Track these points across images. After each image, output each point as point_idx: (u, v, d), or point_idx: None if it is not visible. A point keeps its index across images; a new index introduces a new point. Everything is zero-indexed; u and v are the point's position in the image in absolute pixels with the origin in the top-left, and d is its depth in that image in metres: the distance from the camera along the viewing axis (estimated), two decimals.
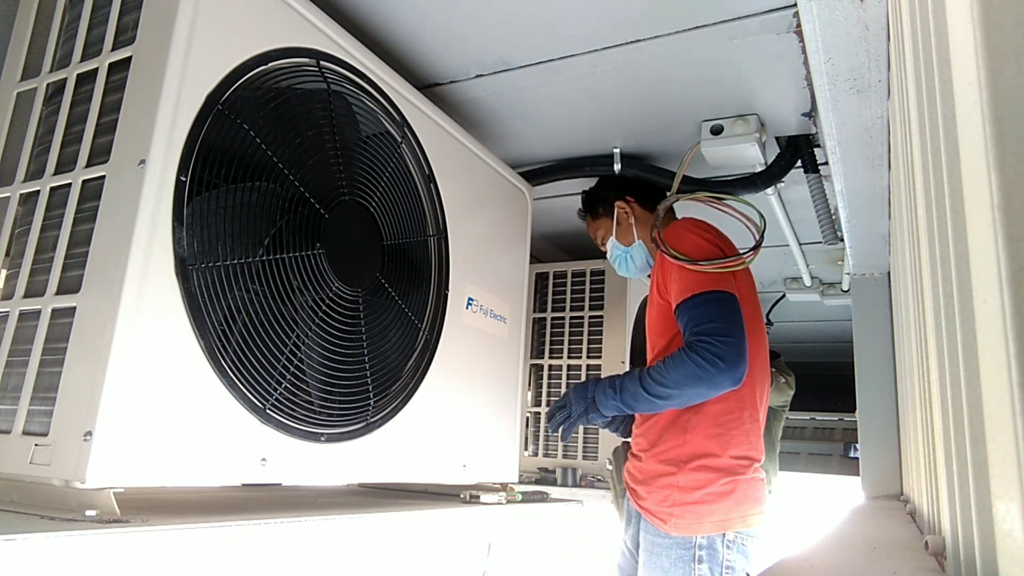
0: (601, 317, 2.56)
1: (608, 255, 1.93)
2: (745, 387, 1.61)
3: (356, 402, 1.20)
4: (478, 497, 1.52)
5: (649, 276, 1.89)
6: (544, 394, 2.60)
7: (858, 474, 2.31)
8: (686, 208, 1.95)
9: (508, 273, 1.78)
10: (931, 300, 0.72)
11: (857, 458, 2.44)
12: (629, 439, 1.84)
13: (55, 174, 1.00)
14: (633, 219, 1.85)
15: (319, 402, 1.14)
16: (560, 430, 1.60)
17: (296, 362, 1.08)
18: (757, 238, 1.67)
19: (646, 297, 2.68)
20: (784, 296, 3.24)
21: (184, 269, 0.93)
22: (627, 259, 1.89)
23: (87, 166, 0.96)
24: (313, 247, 1.13)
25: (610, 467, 1.93)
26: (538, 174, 2.03)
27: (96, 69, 1.01)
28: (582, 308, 2.61)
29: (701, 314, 1.51)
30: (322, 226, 1.15)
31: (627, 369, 2.45)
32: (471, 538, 1.69)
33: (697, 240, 1.61)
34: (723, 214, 1.88)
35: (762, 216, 1.75)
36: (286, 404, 1.07)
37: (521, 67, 1.59)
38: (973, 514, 0.49)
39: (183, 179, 0.94)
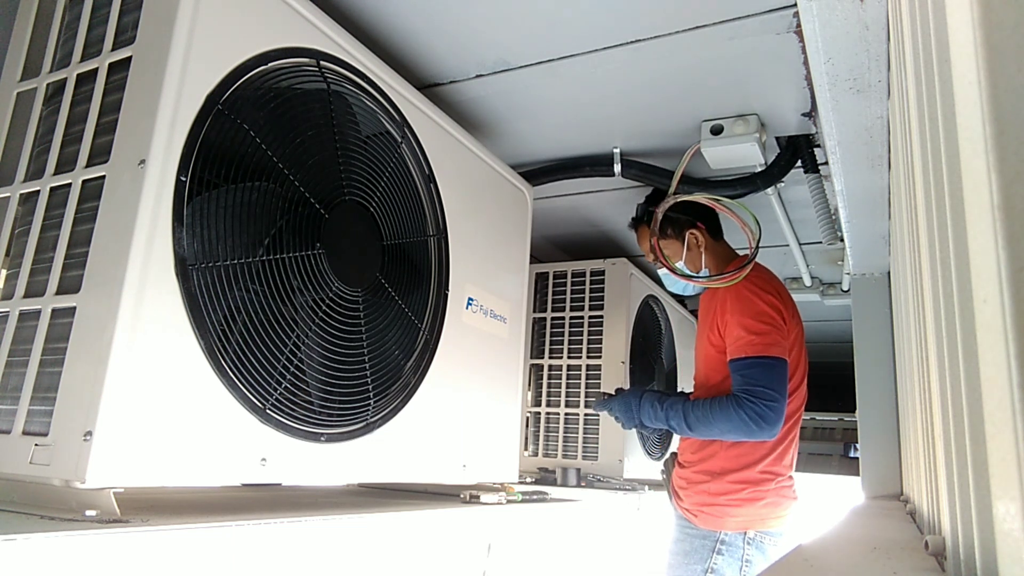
0: (601, 317, 2.56)
1: (664, 272, 1.99)
2: (788, 409, 1.82)
3: (356, 402, 1.20)
4: (478, 497, 1.52)
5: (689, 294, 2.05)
6: (544, 394, 2.60)
7: (858, 474, 2.31)
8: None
9: (508, 273, 1.78)
10: (931, 300, 0.72)
11: (857, 458, 2.44)
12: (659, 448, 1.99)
13: (55, 174, 1.00)
14: (703, 248, 1.92)
15: (319, 402, 1.14)
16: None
17: (296, 362, 1.08)
18: (752, 247, 1.75)
19: (647, 296, 2.68)
20: None
21: (184, 269, 0.93)
22: (690, 282, 1.98)
23: (87, 166, 0.96)
24: (313, 247, 1.13)
25: (663, 475, 2.12)
26: (538, 174, 2.03)
27: (96, 69, 1.01)
28: (582, 308, 2.61)
29: (755, 375, 1.71)
30: (322, 226, 1.15)
31: (629, 368, 2.47)
32: (471, 538, 1.69)
33: (757, 303, 1.77)
34: (722, 213, 1.88)
35: (758, 223, 1.77)
36: (286, 404, 1.07)
37: (521, 67, 1.59)
38: (973, 514, 0.49)
39: (183, 179, 0.94)
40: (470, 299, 1.58)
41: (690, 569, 1.83)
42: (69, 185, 0.97)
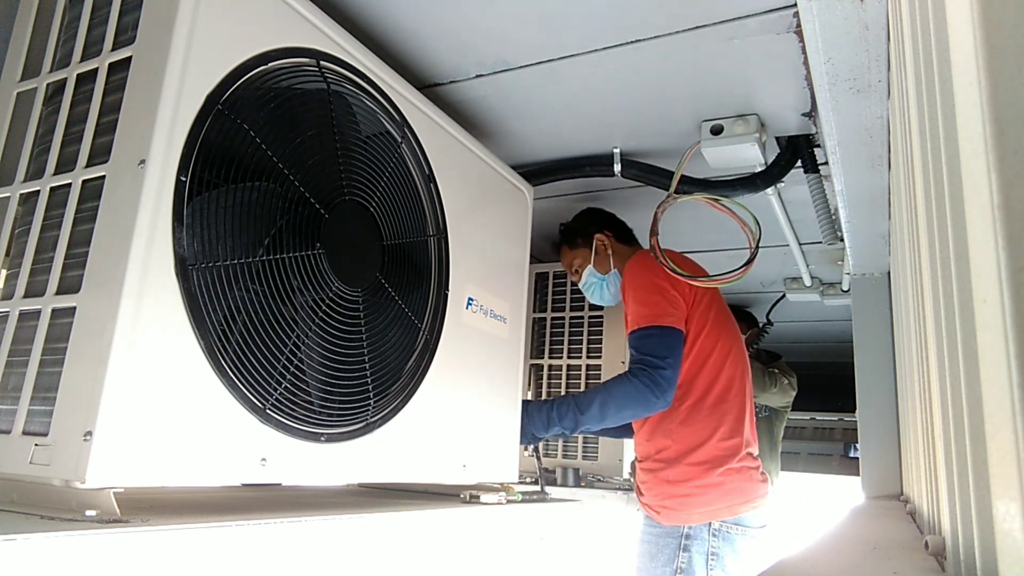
0: (601, 317, 2.56)
1: (582, 283, 2.12)
2: (723, 379, 1.86)
3: (356, 402, 1.20)
4: (478, 497, 1.52)
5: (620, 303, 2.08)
6: (544, 394, 2.60)
7: (858, 474, 2.31)
8: (682, 208, 1.95)
9: (508, 273, 1.78)
10: (931, 300, 0.72)
11: (857, 458, 2.44)
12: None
13: (55, 174, 1.00)
14: (611, 251, 2.05)
15: (319, 402, 1.14)
16: None
17: (296, 362, 1.08)
18: (752, 248, 1.75)
19: None
20: (784, 296, 3.24)
21: (184, 269, 0.93)
22: (602, 287, 2.08)
23: (87, 166, 0.96)
24: (313, 247, 1.13)
25: (631, 477, 2.16)
26: (538, 174, 2.03)
27: (96, 69, 1.01)
28: (582, 308, 2.61)
29: (645, 345, 1.76)
30: (322, 226, 1.16)
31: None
32: (471, 538, 1.69)
33: (647, 284, 1.84)
34: (721, 213, 1.88)
35: (758, 223, 1.78)
36: (286, 404, 1.07)
37: (521, 67, 1.59)
38: (973, 514, 0.49)
39: (183, 179, 0.94)
40: (470, 299, 1.59)
41: (659, 571, 1.79)
42: (69, 185, 0.97)
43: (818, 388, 4.36)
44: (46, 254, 0.96)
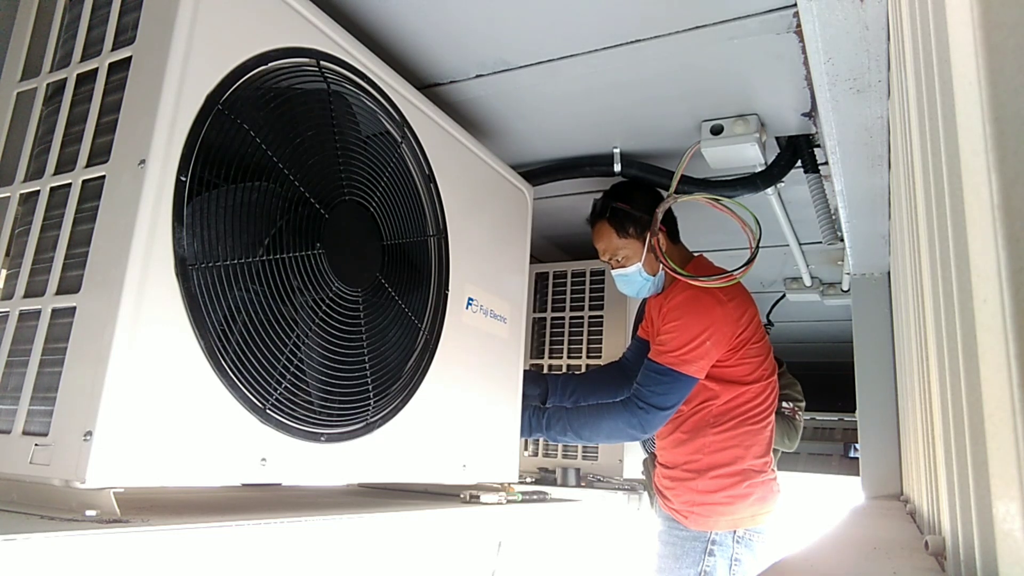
0: (601, 317, 2.56)
1: (621, 273, 1.95)
2: (763, 401, 1.88)
3: (356, 402, 1.20)
4: (478, 497, 1.52)
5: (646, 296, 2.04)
6: None
7: (858, 474, 2.31)
8: (683, 208, 1.95)
9: (508, 273, 1.78)
10: (931, 300, 0.72)
11: (857, 458, 2.44)
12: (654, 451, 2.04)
13: (55, 174, 1.00)
14: (664, 252, 1.89)
15: (319, 402, 1.14)
16: None
17: (296, 362, 1.08)
18: (753, 247, 1.75)
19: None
20: (784, 296, 3.24)
21: (184, 269, 0.93)
22: (647, 286, 1.96)
23: (87, 166, 0.96)
24: (313, 247, 1.13)
25: (643, 476, 2.15)
26: (538, 174, 2.03)
27: (96, 69, 1.01)
28: (582, 308, 2.61)
29: (659, 385, 1.78)
30: (322, 226, 1.15)
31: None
32: (471, 538, 1.69)
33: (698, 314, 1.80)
34: (721, 213, 1.88)
35: (758, 223, 1.77)
36: (286, 404, 1.07)
37: (521, 67, 1.59)
38: (973, 514, 0.49)
39: (183, 179, 0.94)
40: (470, 299, 1.58)
41: (683, 573, 1.83)
42: (69, 185, 0.97)
43: (818, 388, 4.36)
44: (46, 254, 0.96)
